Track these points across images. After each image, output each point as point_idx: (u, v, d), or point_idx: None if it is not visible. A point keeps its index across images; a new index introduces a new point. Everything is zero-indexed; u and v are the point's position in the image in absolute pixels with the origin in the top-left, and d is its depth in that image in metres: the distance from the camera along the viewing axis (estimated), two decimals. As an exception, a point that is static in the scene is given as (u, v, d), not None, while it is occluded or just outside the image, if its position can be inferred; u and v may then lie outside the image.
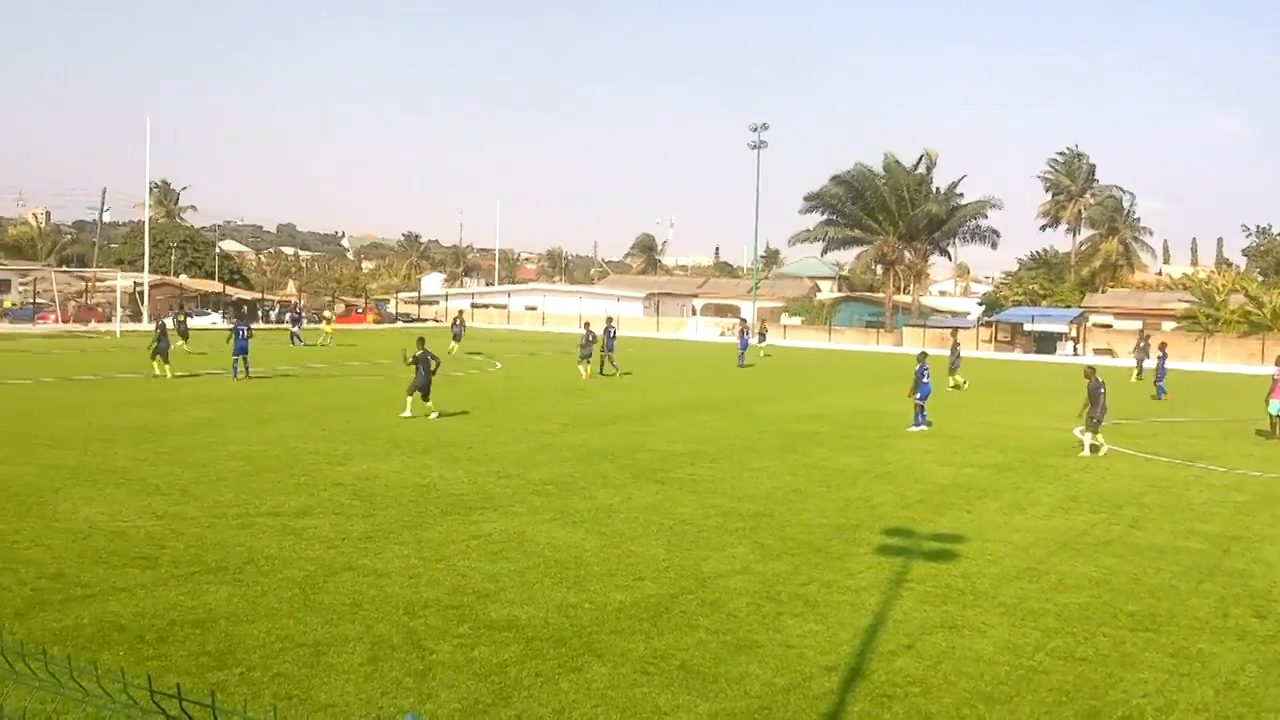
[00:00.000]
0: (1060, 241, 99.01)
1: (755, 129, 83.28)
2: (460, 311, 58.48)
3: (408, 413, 23.96)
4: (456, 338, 49.36)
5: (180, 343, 41.09)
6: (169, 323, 38.83)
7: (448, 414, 24.54)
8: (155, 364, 32.68)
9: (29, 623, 9.21)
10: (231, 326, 36.31)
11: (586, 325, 40.41)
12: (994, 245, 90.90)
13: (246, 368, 32.91)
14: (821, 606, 10.67)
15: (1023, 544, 13.92)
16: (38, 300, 74.09)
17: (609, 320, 43.51)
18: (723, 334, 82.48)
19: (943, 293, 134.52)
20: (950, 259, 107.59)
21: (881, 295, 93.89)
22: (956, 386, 37.82)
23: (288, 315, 68.54)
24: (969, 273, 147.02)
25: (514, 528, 13.67)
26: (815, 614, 10.41)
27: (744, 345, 49.75)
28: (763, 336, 66.89)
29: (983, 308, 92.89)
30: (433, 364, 24.63)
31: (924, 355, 27.60)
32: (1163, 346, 41.01)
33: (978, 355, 67.61)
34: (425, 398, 24.36)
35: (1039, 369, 55.59)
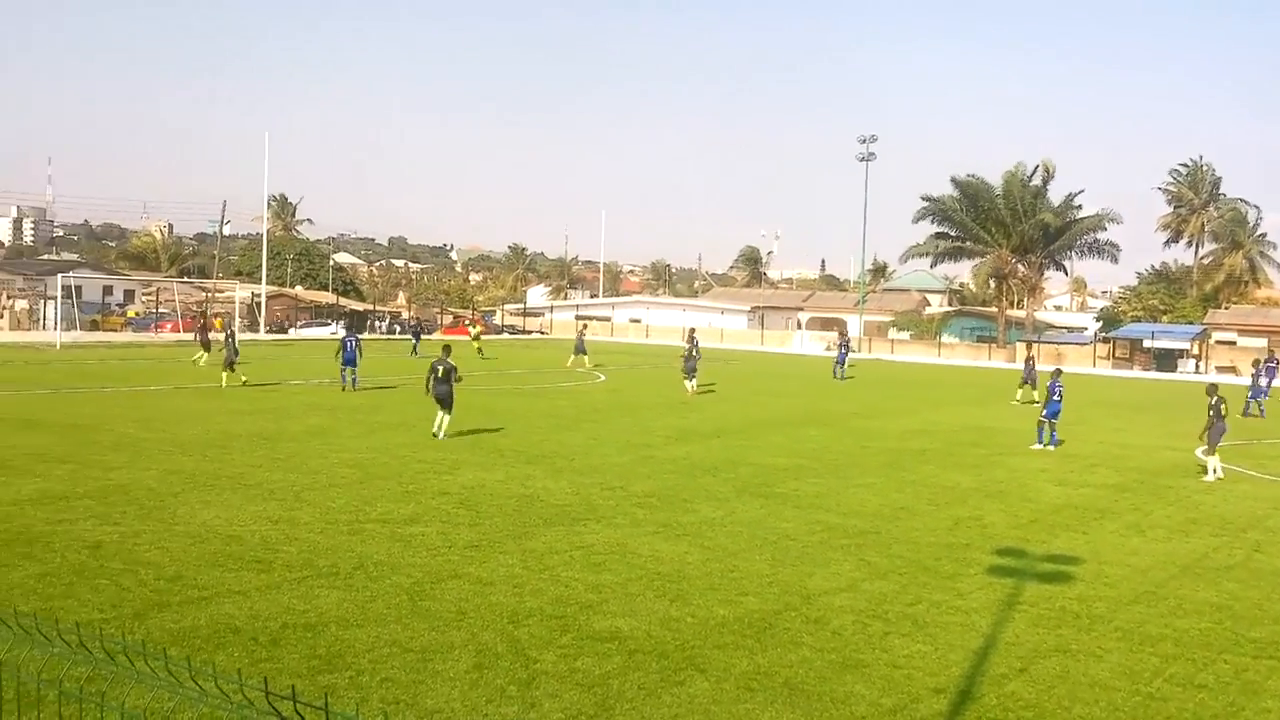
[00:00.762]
0: (1182, 256, 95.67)
1: (864, 141, 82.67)
2: (584, 324, 58.51)
3: (437, 432, 22.26)
4: (579, 350, 49.61)
5: (202, 355, 40.71)
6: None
7: (550, 428, 24.58)
8: (225, 375, 32.88)
9: (148, 623, 9.51)
10: (340, 338, 35.75)
11: (692, 335, 39.95)
12: (1114, 260, 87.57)
13: (354, 379, 33.04)
14: (930, 627, 10.45)
15: (1140, 567, 13.46)
16: (160, 310, 76.84)
17: (691, 332, 43.73)
18: (828, 348, 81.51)
19: (1058, 307, 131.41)
20: (1066, 273, 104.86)
21: (993, 309, 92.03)
22: (1031, 402, 36.84)
23: (409, 326, 66.48)
24: (1085, 287, 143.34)
25: (617, 539, 13.69)
26: (924, 634, 10.19)
27: (842, 359, 48.98)
28: (844, 352, 66.53)
29: (1100, 323, 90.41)
30: (440, 371, 22.47)
31: (1058, 371, 26.68)
32: (1256, 363, 39.99)
33: (1094, 372, 65.83)
34: (446, 410, 22.38)
35: (1158, 387, 53.85)
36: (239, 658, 8.69)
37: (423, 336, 59.18)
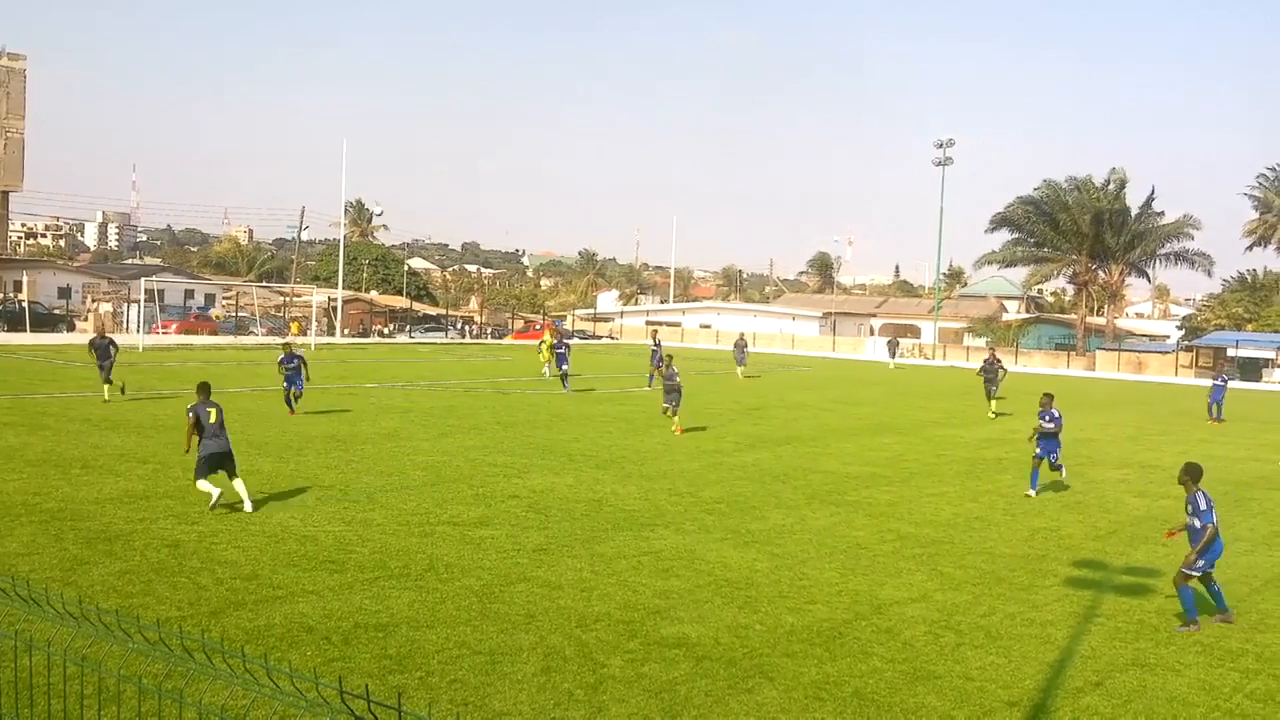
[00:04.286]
0: (1269, 262, 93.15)
1: (940, 145, 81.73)
2: (742, 334, 55.10)
3: (214, 501, 14.46)
4: (740, 362, 48.54)
5: None
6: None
7: (619, 433, 24.39)
8: (106, 388, 27.92)
9: (224, 621, 9.69)
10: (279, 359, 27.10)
11: (655, 336, 40.07)
12: (1208, 273, 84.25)
13: (294, 398, 26.27)
14: (1004, 639, 10.28)
15: (1222, 581, 13.08)
16: (240, 314, 78.35)
17: (655, 333, 43.83)
18: (902, 355, 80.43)
19: (1139, 315, 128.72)
20: (1149, 280, 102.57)
21: (1072, 317, 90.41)
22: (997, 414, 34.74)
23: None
24: (1168, 294, 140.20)
25: (685, 545, 13.66)
26: (997, 646, 10.03)
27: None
28: (893, 351, 65.62)
29: (1183, 332, 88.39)
30: (212, 414, 15.00)
31: (1048, 399, 19.31)
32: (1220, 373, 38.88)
33: (1177, 381, 64.37)
34: (230, 474, 14.94)
35: (1242, 397, 52.42)
36: (312, 656, 8.82)
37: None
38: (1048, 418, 19.00)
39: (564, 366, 37.27)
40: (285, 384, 26.36)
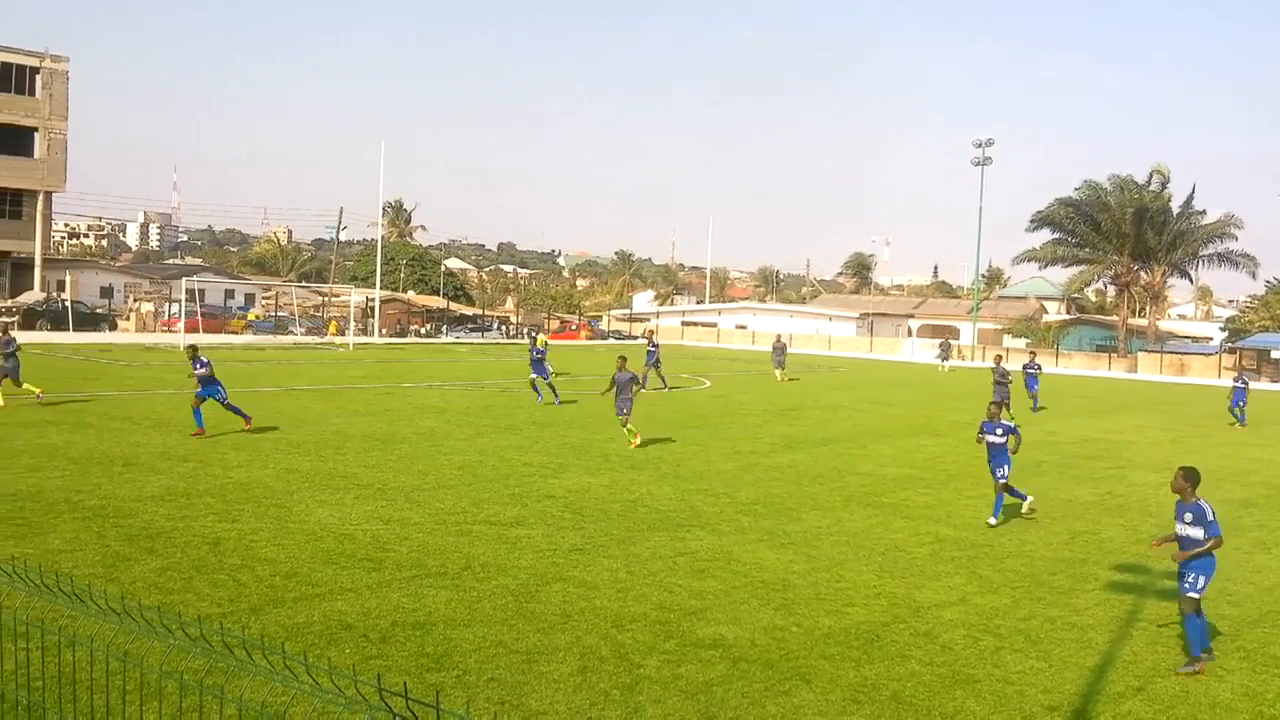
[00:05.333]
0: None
1: (980, 144, 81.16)
2: (779, 336, 54.12)
3: None
4: (779, 364, 47.84)
5: None
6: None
7: (655, 434, 24.38)
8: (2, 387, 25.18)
9: (264, 618, 9.76)
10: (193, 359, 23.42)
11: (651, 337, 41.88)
12: (1253, 275, 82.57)
13: (238, 411, 22.71)
14: (1044, 643, 10.17)
15: (1266, 585, 12.94)
16: (279, 314, 78.92)
17: (651, 334, 44.25)
18: (953, 357, 79.88)
19: (1181, 316, 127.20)
20: (1191, 281, 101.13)
21: (1113, 318, 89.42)
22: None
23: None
24: (1211, 296, 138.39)
25: (721, 547, 13.62)
26: (1037, 651, 9.93)
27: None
28: (945, 354, 64.98)
29: (1226, 333, 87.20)
30: None
31: (995, 409, 17.36)
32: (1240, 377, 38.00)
33: (1219, 384, 63.51)
34: None
35: (1287, 399, 51.66)
36: (350, 654, 8.87)
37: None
38: (999, 430, 16.50)
39: (544, 375, 31.70)
40: (201, 395, 22.22)
